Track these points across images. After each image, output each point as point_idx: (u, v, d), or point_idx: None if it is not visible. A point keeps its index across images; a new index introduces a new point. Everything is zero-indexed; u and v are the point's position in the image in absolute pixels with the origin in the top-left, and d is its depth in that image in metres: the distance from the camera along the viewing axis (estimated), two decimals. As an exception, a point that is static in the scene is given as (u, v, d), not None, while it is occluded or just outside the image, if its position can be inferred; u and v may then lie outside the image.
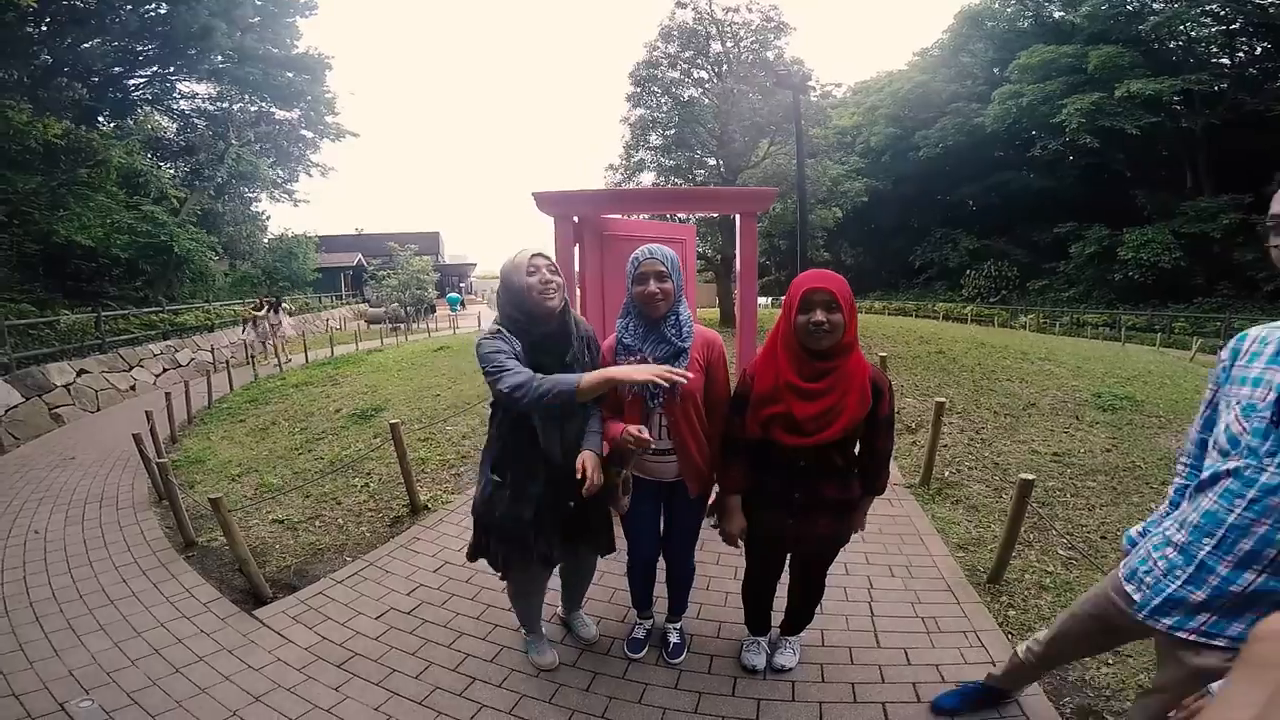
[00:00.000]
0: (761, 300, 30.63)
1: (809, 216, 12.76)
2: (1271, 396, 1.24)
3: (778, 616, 2.53)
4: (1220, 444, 1.34)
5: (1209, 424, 1.45)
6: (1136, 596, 1.45)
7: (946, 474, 4.63)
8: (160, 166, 18.76)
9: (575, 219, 3.54)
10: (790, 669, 2.46)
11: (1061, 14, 27.31)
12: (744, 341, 3.63)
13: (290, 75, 24.24)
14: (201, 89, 23.07)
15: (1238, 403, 1.31)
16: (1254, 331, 1.37)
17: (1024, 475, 2.92)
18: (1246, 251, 20.70)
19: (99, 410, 9.27)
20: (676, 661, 2.53)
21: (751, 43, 17.70)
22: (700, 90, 18.40)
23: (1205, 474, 1.36)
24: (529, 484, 2.12)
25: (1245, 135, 21.40)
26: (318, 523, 4.13)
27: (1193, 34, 23.78)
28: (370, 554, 3.59)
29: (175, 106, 23.24)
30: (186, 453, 6.42)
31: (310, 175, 28.11)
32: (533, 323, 2.03)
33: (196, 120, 23.39)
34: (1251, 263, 20.50)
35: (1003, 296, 27.60)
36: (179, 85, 22.62)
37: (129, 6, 18.17)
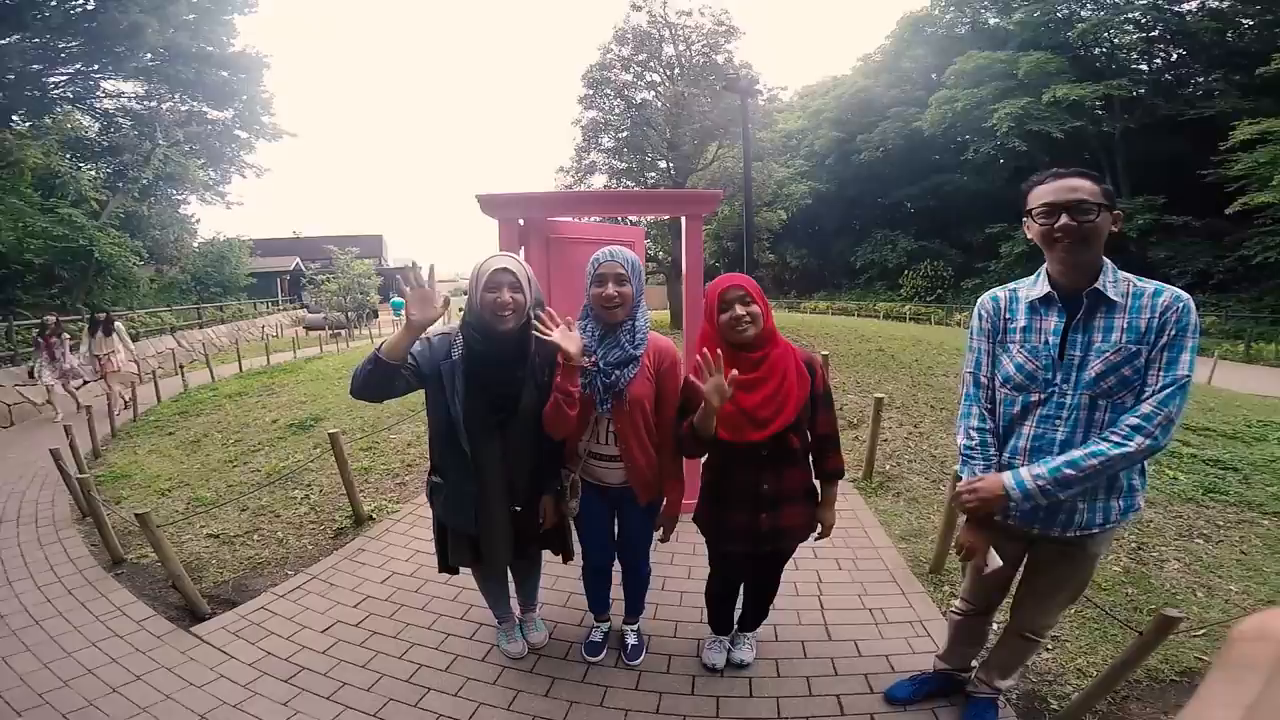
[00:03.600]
0: (711, 301, 30.99)
1: (755, 219, 13.00)
2: (1053, 340, 1.66)
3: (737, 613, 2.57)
4: (1016, 381, 1.73)
5: (985, 369, 1.83)
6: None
7: (888, 468, 4.78)
8: (80, 168, 17.57)
9: (521, 221, 3.51)
10: (748, 664, 2.50)
11: (996, 20, 28.56)
12: (691, 342, 3.67)
13: (225, 74, 23.24)
14: (128, 87, 21.89)
15: (1023, 349, 1.71)
16: (996, 294, 1.84)
17: (958, 467, 3.05)
18: (1160, 250, 22.26)
19: (11, 425, 8.65)
20: (636, 663, 2.54)
21: (703, 46, 17.93)
22: (653, 93, 18.52)
23: (1016, 409, 1.74)
24: (464, 485, 2.12)
25: (1159, 139, 22.90)
26: (256, 536, 3.97)
27: (1116, 41, 25.24)
28: (313, 567, 3.48)
29: (99, 105, 21.88)
30: (111, 468, 6.06)
31: (244, 177, 26.95)
32: (485, 336, 2.00)
33: (121, 120, 22.07)
34: (1164, 260, 22.09)
35: (939, 295, 28.69)
36: (104, 84, 21.37)
37: (53, 2, 17.08)
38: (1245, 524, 3.88)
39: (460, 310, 2.17)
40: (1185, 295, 1.60)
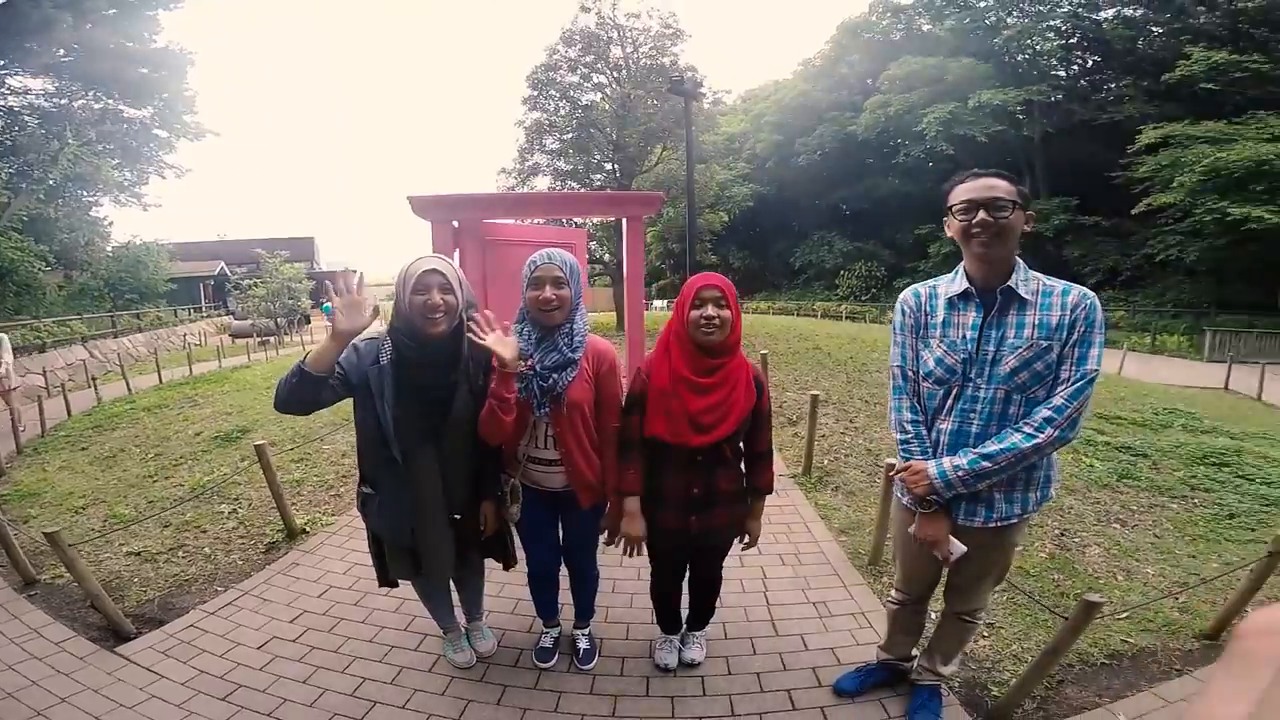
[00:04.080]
0: (659, 303, 31.19)
1: (698, 220, 13.14)
2: (970, 334, 1.74)
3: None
4: (936, 375, 1.81)
5: (911, 363, 1.89)
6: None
7: (826, 463, 4.91)
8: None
9: (455, 223, 3.43)
10: (699, 663, 2.51)
11: (929, 27, 29.62)
12: (633, 343, 3.67)
13: (145, 71, 21.98)
14: (36, 84, 20.45)
15: (943, 344, 1.79)
16: (918, 290, 1.90)
17: (890, 459, 3.16)
18: (1074, 249, 23.69)
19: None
20: (588, 667, 2.52)
21: (650, 49, 18.02)
22: (599, 95, 18.49)
23: (936, 402, 1.83)
24: (399, 494, 2.06)
25: (1074, 143, 24.26)
26: (181, 553, 3.76)
27: (1038, 48, 26.45)
28: (244, 583, 3.34)
29: (1, 103, 20.32)
30: (18, 486, 5.63)
31: (164, 177, 25.60)
32: (415, 340, 1.94)
33: (27, 117, 20.56)
34: (1077, 258, 23.54)
35: (873, 295, 29.68)
36: (8, 80, 19.85)
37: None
38: (1157, 508, 4.15)
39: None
40: (1092, 294, 1.70)
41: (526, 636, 2.74)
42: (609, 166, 18.56)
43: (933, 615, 2.40)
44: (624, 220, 3.66)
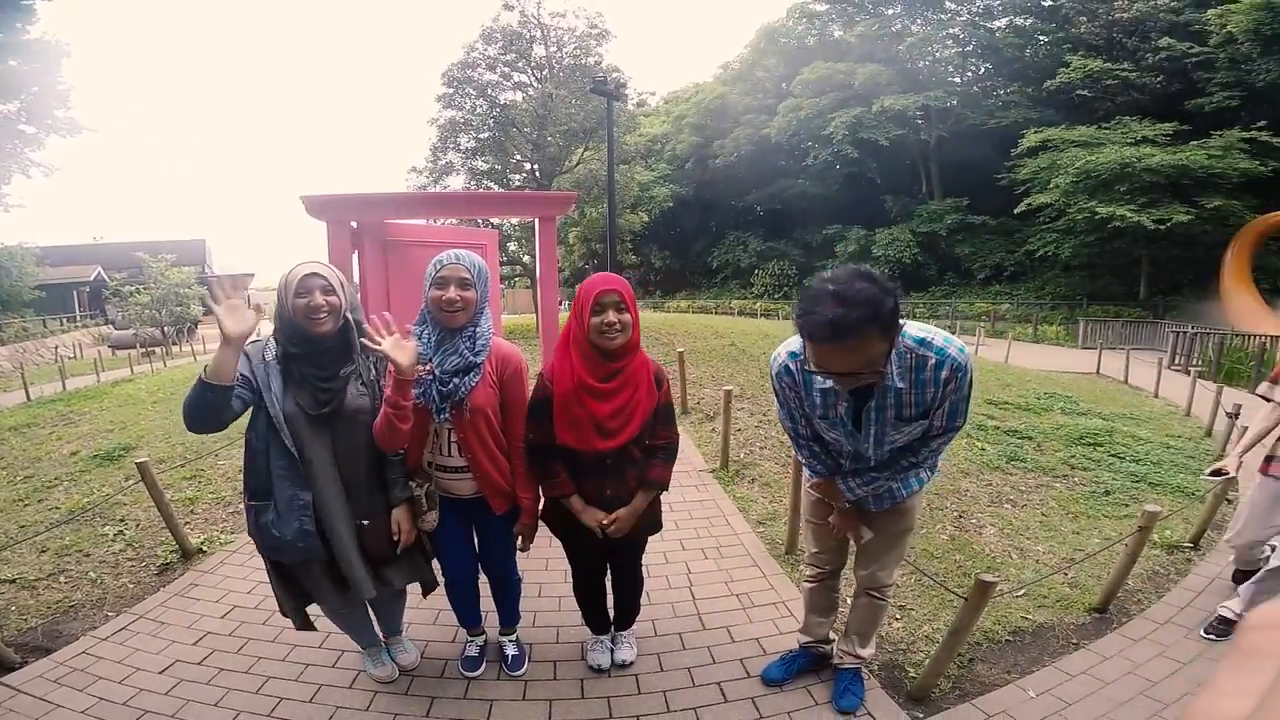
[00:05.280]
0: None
1: (619, 221, 13.18)
2: (847, 419, 1.81)
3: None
4: (828, 439, 1.94)
5: (803, 425, 1.98)
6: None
7: (742, 455, 5.04)
8: None
9: (353, 224, 3.27)
10: (631, 662, 2.52)
11: (841, 33, 30.72)
12: (547, 345, 3.63)
13: (14, 63, 19.75)
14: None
15: (823, 420, 1.86)
16: (789, 366, 1.87)
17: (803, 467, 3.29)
18: (964, 247, 25.45)
19: None
20: (519, 673, 2.48)
21: (574, 49, 17.82)
22: (520, 94, 18.17)
23: (844, 461, 1.96)
24: (296, 495, 1.94)
25: (966, 146, 25.83)
26: (63, 578, 3.44)
27: (938, 55, 28.29)
28: (138, 606, 3.10)
29: None
30: None
31: (29, 176, 23.00)
32: (304, 341, 1.91)
33: None
34: (968, 255, 25.36)
35: (785, 293, 30.75)
36: None
37: None
38: (1042, 488, 4.51)
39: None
40: (962, 358, 1.68)
41: (451, 646, 2.66)
42: (529, 167, 18.29)
43: (846, 600, 2.52)
44: (536, 221, 3.60)
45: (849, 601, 2.45)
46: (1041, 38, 25.76)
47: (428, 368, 1.97)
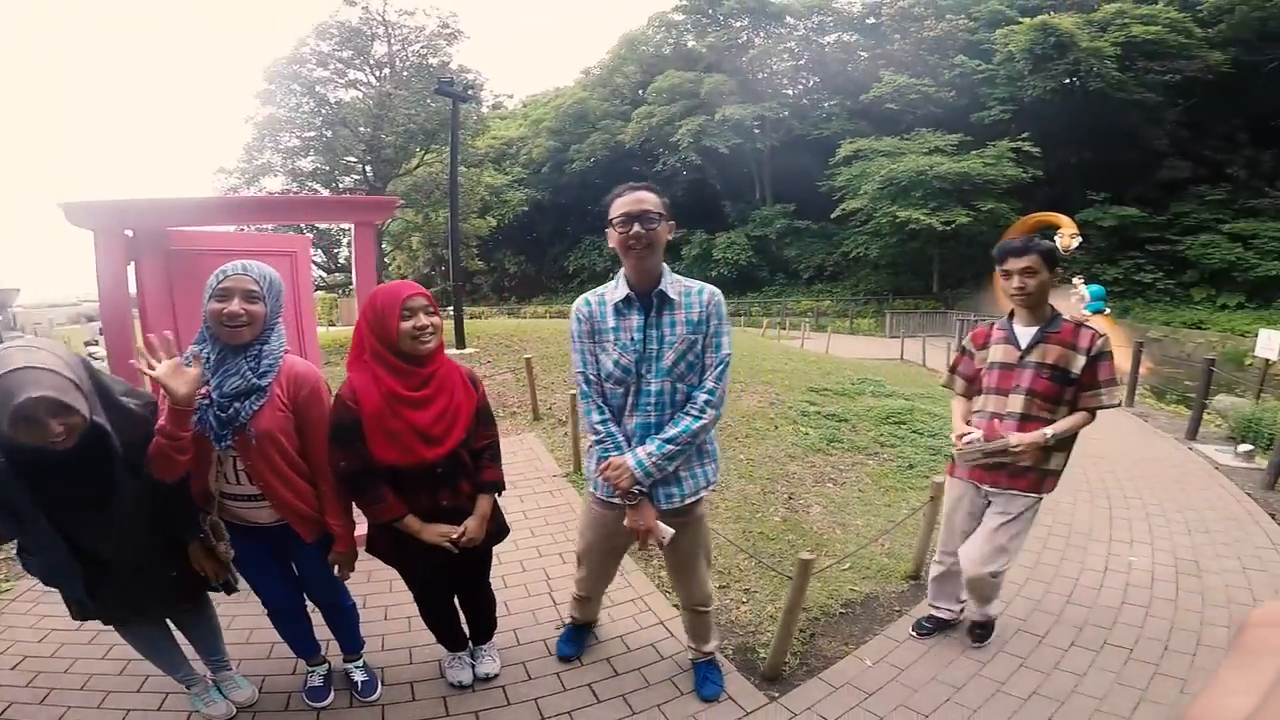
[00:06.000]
0: (429, 312, 29.69)
1: (464, 225, 12.75)
2: (638, 335, 1.97)
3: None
4: (615, 376, 2.00)
5: (592, 367, 2.05)
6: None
7: (593, 460, 5.09)
8: None
9: (129, 233, 2.85)
10: (496, 675, 2.48)
11: (694, 43, 32.12)
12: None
13: None
14: None
15: (616, 346, 1.98)
16: (589, 299, 2.08)
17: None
18: (791, 249, 27.91)
19: None
20: (373, 698, 2.36)
21: (421, 48, 17.06)
22: (355, 92, 17.00)
23: (618, 401, 2.03)
24: (59, 557, 1.75)
25: (794, 155, 28.07)
26: None
27: (775, 67, 30.43)
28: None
29: None
30: None
31: None
32: (33, 453, 1.56)
33: None
34: (794, 257, 27.85)
35: (636, 295, 31.82)
36: None
37: None
38: (858, 466, 4.99)
39: (86, 343, 1.71)
40: (718, 291, 2.07)
41: (293, 679, 2.47)
42: (363, 168, 17.20)
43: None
44: (353, 227, 3.37)
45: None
46: (862, 54, 28.73)
47: (204, 390, 1.78)
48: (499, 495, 2.24)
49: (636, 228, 1.90)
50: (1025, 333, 2.40)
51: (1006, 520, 2.45)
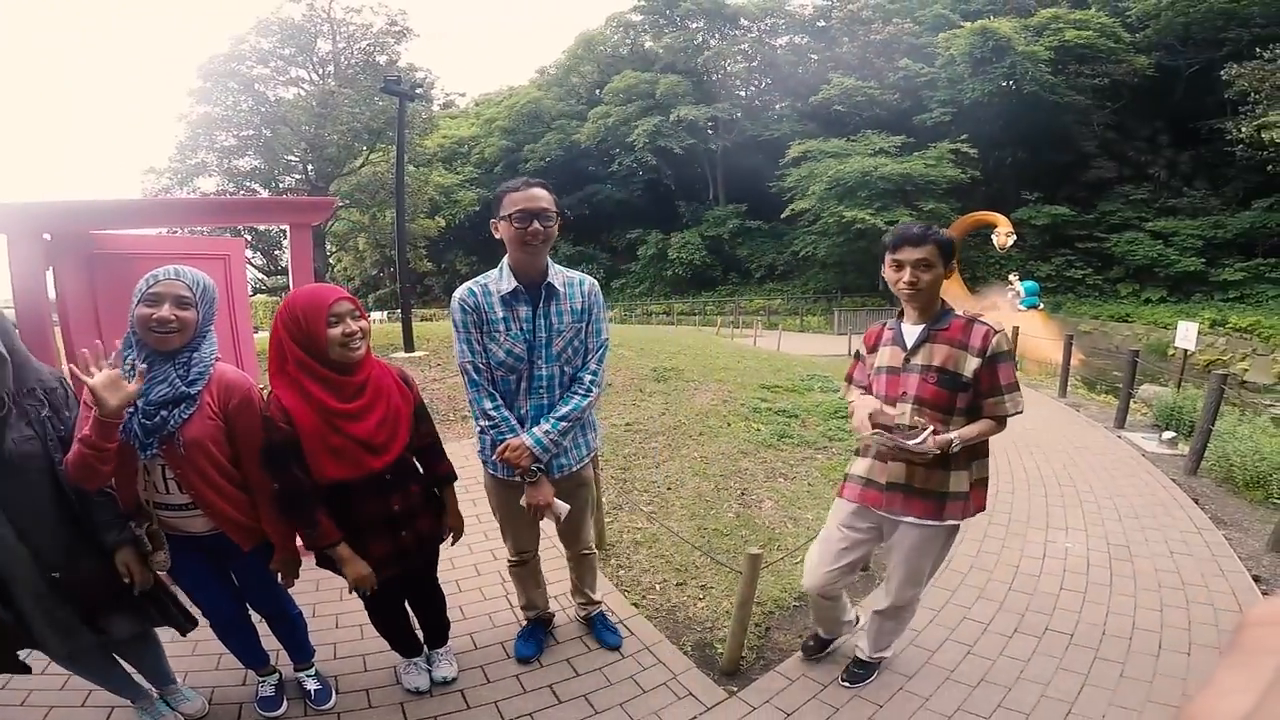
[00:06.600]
0: (376, 315, 28.99)
1: (411, 226, 12.47)
2: (527, 326, 2.06)
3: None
4: (508, 364, 2.08)
5: (481, 356, 2.09)
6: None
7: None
8: None
9: (46, 236, 2.71)
10: (454, 678, 2.45)
11: (650, 44, 32.32)
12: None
13: None
14: None
15: (508, 336, 2.05)
16: (472, 289, 2.11)
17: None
18: (743, 249, 28.35)
19: None
20: (327, 707, 2.32)
21: (367, 45, 16.64)
22: (296, 90, 16.43)
23: (511, 386, 2.11)
24: None
25: (746, 156, 28.52)
26: None
27: (729, 68, 30.84)
28: None
29: None
30: None
31: None
32: None
33: None
34: (748, 256, 28.28)
35: (593, 295, 31.85)
36: None
37: None
38: (808, 460, 5.10)
39: None
40: (596, 281, 2.23)
41: (243, 690, 2.40)
42: (305, 168, 16.67)
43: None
44: (289, 228, 3.26)
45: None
46: (812, 56, 29.42)
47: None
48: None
49: (536, 225, 1.97)
50: (912, 331, 2.08)
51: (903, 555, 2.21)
